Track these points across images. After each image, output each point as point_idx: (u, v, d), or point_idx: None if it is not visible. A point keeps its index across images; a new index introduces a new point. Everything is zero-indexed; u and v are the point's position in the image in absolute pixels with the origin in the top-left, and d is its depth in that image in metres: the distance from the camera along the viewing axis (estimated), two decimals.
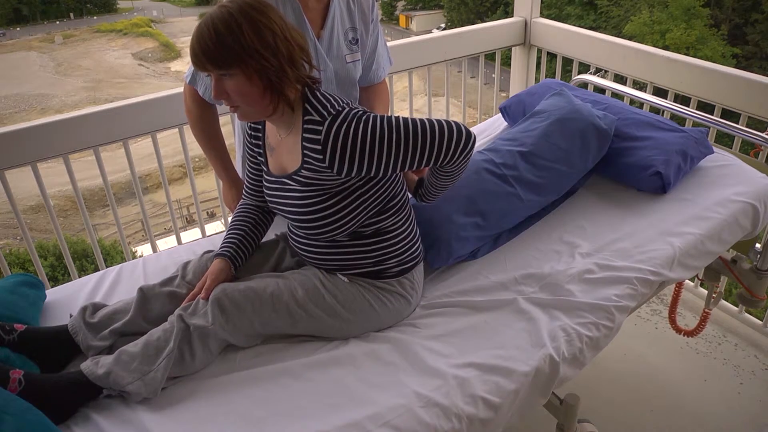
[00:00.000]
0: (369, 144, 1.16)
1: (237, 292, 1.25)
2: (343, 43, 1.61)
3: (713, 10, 19.60)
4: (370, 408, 1.11)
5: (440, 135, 1.19)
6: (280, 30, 1.17)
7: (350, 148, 1.16)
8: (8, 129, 1.86)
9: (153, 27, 32.81)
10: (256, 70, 1.15)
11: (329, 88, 1.62)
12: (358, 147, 1.16)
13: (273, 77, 1.17)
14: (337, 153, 1.17)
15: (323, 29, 1.57)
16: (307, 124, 1.20)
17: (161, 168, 2.24)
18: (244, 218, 1.44)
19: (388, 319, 1.33)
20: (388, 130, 1.16)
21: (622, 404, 2.03)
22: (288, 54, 1.17)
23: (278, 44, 1.16)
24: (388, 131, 1.16)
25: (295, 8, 1.51)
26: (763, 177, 1.75)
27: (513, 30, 2.76)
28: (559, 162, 1.64)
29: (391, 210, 1.31)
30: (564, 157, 1.65)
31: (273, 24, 1.16)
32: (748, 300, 1.90)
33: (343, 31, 1.61)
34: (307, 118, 1.21)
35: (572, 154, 1.66)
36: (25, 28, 33.17)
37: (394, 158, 1.18)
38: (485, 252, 1.54)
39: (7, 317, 1.29)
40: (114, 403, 1.16)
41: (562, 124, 1.71)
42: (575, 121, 1.70)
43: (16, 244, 13.01)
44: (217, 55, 1.14)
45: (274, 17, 1.17)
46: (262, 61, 1.14)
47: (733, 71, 2.11)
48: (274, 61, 1.15)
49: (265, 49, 1.14)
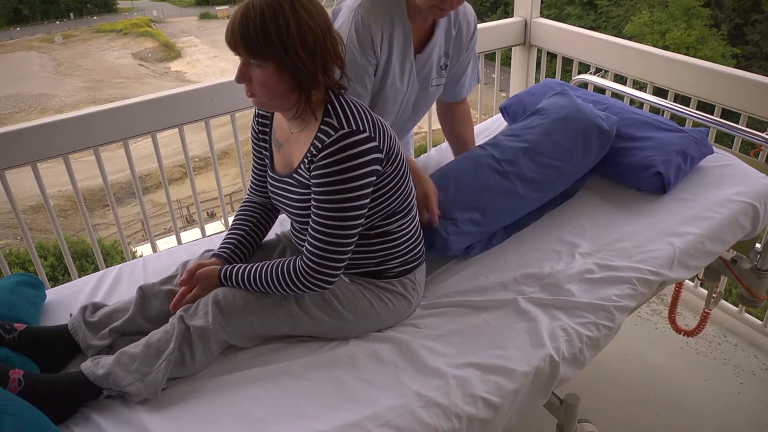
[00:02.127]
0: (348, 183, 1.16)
1: (237, 293, 1.25)
2: (435, 67, 1.64)
3: (713, 10, 19.59)
4: (370, 408, 1.11)
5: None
6: (322, 33, 1.14)
7: (335, 168, 1.15)
8: (8, 129, 1.86)
9: (153, 27, 32.78)
10: (290, 70, 1.14)
11: (407, 106, 1.64)
12: (339, 177, 1.15)
13: (304, 80, 1.15)
14: (324, 163, 1.16)
15: (422, 52, 1.58)
16: (325, 125, 1.18)
17: (161, 168, 2.24)
18: (246, 218, 1.44)
19: (388, 319, 1.33)
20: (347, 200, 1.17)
21: (622, 404, 2.03)
22: (323, 60, 1.16)
23: (317, 49, 1.14)
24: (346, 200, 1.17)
25: (405, 31, 1.52)
26: (763, 177, 1.75)
27: (513, 30, 2.76)
28: (560, 160, 1.64)
29: (400, 214, 1.31)
30: (566, 155, 1.65)
31: (317, 27, 1.14)
32: (748, 300, 1.90)
33: (437, 56, 1.63)
34: (326, 120, 1.19)
35: (574, 153, 1.66)
36: (25, 28, 33.15)
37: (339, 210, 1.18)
38: (480, 251, 1.53)
39: (7, 317, 1.29)
40: (114, 404, 1.16)
41: (564, 122, 1.70)
42: (578, 121, 1.70)
43: (16, 244, 13.00)
44: (257, 43, 1.11)
45: (320, 20, 1.14)
46: (298, 62, 1.13)
47: (733, 71, 2.10)
48: (310, 65, 1.14)
49: (305, 52, 1.13)
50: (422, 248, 1.40)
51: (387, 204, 1.27)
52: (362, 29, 1.45)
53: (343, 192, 1.17)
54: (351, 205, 1.18)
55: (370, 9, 1.46)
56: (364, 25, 1.45)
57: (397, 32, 1.51)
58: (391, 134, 1.25)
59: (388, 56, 1.52)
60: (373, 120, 1.21)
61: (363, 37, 1.45)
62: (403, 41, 1.53)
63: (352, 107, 1.20)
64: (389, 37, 1.50)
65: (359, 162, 1.16)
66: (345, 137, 1.15)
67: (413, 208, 1.35)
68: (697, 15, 18.82)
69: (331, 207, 1.18)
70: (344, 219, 1.19)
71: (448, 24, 1.62)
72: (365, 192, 1.19)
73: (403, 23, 1.51)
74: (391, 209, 1.28)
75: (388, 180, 1.24)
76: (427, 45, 1.59)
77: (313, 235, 1.21)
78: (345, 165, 1.15)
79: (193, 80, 24.82)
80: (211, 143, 2.29)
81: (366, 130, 1.17)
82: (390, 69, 1.54)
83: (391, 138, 1.24)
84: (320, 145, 1.16)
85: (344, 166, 1.15)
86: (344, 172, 1.15)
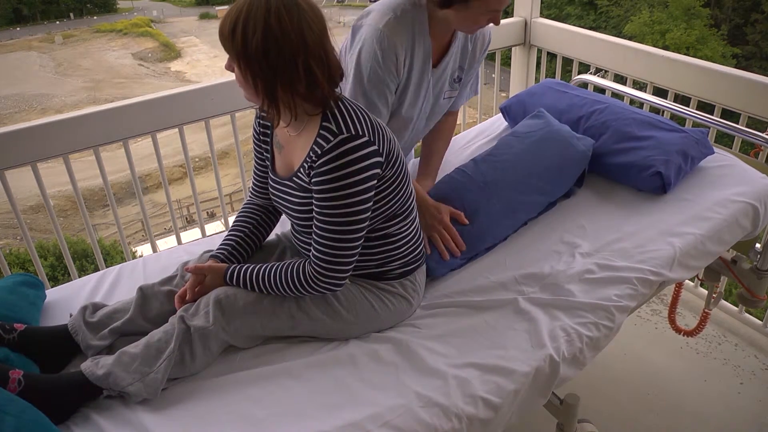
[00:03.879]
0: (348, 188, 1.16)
1: (239, 293, 1.25)
2: (448, 80, 1.63)
3: (713, 10, 19.59)
4: (370, 408, 1.11)
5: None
6: (291, 50, 1.10)
7: (336, 173, 1.15)
8: (8, 129, 1.86)
9: (153, 27, 32.76)
10: (251, 74, 1.13)
11: (420, 118, 1.64)
12: (340, 183, 1.15)
13: (261, 89, 1.14)
14: (324, 169, 1.15)
15: (438, 66, 1.58)
16: (324, 130, 1.17)
17: (161, 168, 2.24)
18: (246, 219, 1.44)
19: (388, 320, 1.33)
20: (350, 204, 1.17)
21: (622, 404, 2.03)
22: (286, 75, 1.12)
23: (279, 63, 1.11)
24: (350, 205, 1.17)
25: (426, 48, 1.52)
26: (764, 177, 1.75)
27: (513, 30, 2.76)
28: (541, 180, 1.63)
29: (400, 216, 1.31)
30: (546, 176, 1.64)
31: (286, 43, 1.09)
32: (748, 300, 1.90)
33: (452, 70, 1.63)
34: (324, 124, 1.18)
35: (552, 173, 1.65)
36: (25, 28, 33.12)
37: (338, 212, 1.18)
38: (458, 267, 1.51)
39: (7, 317, 1.29)
40: (114, 404, 1.16)
41: (541, 143, 1.70)
42: (555, 141, 1.70)
43: (16, 244, 13.01)
44: (225, 39, 1.13)
45: (293, 36, 1.10)
46: (257, 70, 1.12)
47: (733, 71, 2.10)
48: (269, 76, 1.12)
49: (266, 63, 1.11)
50: (422, 250, 1.40)
51: (388, 207, 1.26)
52: (387, 48, 1.43)
53: (346, 197, 1.16)
54: (354, 210, 1.18)
55: (395, 28, 1.44)
56: (390, 44, 1.43)
57: (418, 49, 1.50)
58: (391, 137, 1.24)
59: (408, 74, 1.51)
60: (371, 123, 1.20)
61: (387, 56, 1.44)
62: (423, 58, 1.52)
63: (351, 111, 1.20)
64: (411, 54, 1.49)
65: (359, 167, 1.15)
66: (344, 142, 1.15)
67: (413, 211, 1.35)
68: (697, 15, 18.82)
69: (334, 213, 1.18)
70: (348, 224, 1.19)
71: (465, 38, 1.61)
72: (368, 196, 1.19)
73: (425, 41, 1.50)
74: (391, 212, 1.28)
75: (389, 183, 1.24)
76: (443, 59, 1.58)
77: (318, 241, 1.21)
78: (346, 170, 1.15)
79: (193, 80, 24.82)
80: (211, 143, 2.29)
81: (365, 134, 1.17)
82: (409, 86, 1.53)
83: (391, 141, 1.23)
84: (320, 150, 1.16)
85: (345, 171, 1.15)
86: (345, 178, 1.15)
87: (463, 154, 1.94)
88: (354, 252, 1.23)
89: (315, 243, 1.22)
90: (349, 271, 1.25)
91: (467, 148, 1.99)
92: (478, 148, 1.95)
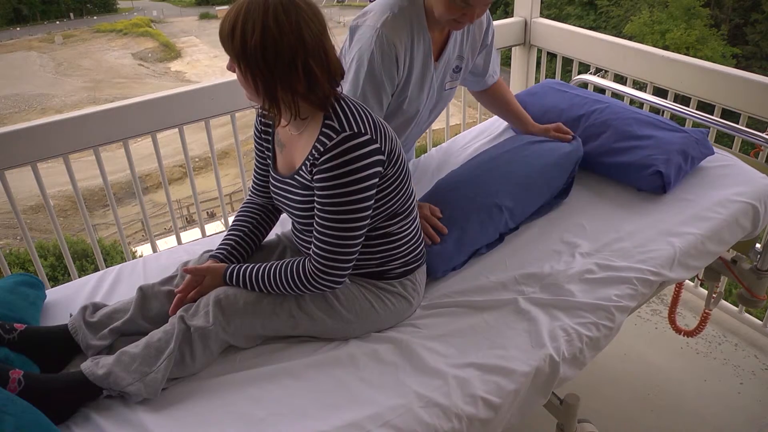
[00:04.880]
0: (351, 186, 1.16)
1: (239, 293, 1.25)
2: (448, 72, 1.64)
3: (713, 10, 19.58)
4: (370, 408, 1.11)
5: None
6: (290, 52, 1.11)
7: (338, 171, 1.15)
8: (8, 129, 1.86)
9: (153, 27, 32.76)
10: (251, 74, 1.14)
11: (423, 110, 1.65)
12: (343, 179, 1.15)
13: (261, 89, 1.15)
14: (327, 166, 1.16)
15: (439, 60, 1.59)
16: (326, 128, 1.18)
17: (161, 168, 2.24)
18: (245, 219, 1.43)
19: (388, 319, 1.33)
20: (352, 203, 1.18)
21: (622, 404, 2.03)
22: (285, 76, 1.12)
23: (277, 64, 1.11)
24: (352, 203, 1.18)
25: (426, 43, 1.52)
26: (764, 177, 1.75)
27: (513, 30, 2.75)
28: (535, 178, 1.64)
29: (401, 215, 1.31)
30: (541, 176, 1.65)
31: (285, 45, 1.10)
32: (748, 300, 1.90)
33: (451, 61, 1.63)
34: (327, 122, 1.18)
35: (544, 178, 1.66)
36: (25, 28, 33.11)
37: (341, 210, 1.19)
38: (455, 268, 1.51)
39: (7, 317, 1.29)
40: (114, 403, 1.16)
41: (533, 144, 1.73)
42: (545, 140, 1.73)
43: (16, 244, 13.00)
44: (225, 39, 1.14)
45: (291, 38, 1.10)
46: (256, 70, 1.12)
47: (733, 71, 2.10)
48: (268, 77, 1.12)
49: (264, 63, 1.11)
50: (423, 249, 1.40)
51: (388, 205, 1.26)
52: (387, 49, 1.43)
53: (347, 195, 1.17)
54: (356, 207, 1.18)
55: (394, 27, 1.44)
56: (389, 45, 1.43)
57: (418, 45, 1.50)
58: (392, 136, 1.24)
59: (409, 71, 1.51)
60: (374, 121, 1.20)
61: (387, 57, 1.44)
62: (423, 53, 1.52)
63: (354, 109, 1.20)
64: (411, 51, 1.49)
65: (362, 164, 1.16)
66: (347, 140, 1.15)
67: (414, 210, 1.35)
68: (697, 15, 18.82)
69: (336, 210, 1.18)
70: (350, 221, 1.19)
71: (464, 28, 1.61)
72: (369, 194, 1.19)
73: (424, 36, 1.51)
74: (392, 211, 1.28)
75: (390, 182, 1.24)
76: (444, 52, 1.59)
77: (319, 238, 1.21)
78: (348, 168, 1.15)
79: (193, 80, 24.80)
80: (211, 143, 2.29)
81: (367, 132, 1.17)
82: (410, 81, 1.53)
83: (392, 139, 1.24)
84: (322, 148, 1.16)
85: (347, 169, 1.15)
86: (347, 175, 1.15)
87: (463, 154, 1.94)
88: (354, 250, 1.23)
89: (315, 240, 1.22)
90: (349, 269, 1.25)
91: (467, 148, 1.99)
92: (478, 148, 1.95)
